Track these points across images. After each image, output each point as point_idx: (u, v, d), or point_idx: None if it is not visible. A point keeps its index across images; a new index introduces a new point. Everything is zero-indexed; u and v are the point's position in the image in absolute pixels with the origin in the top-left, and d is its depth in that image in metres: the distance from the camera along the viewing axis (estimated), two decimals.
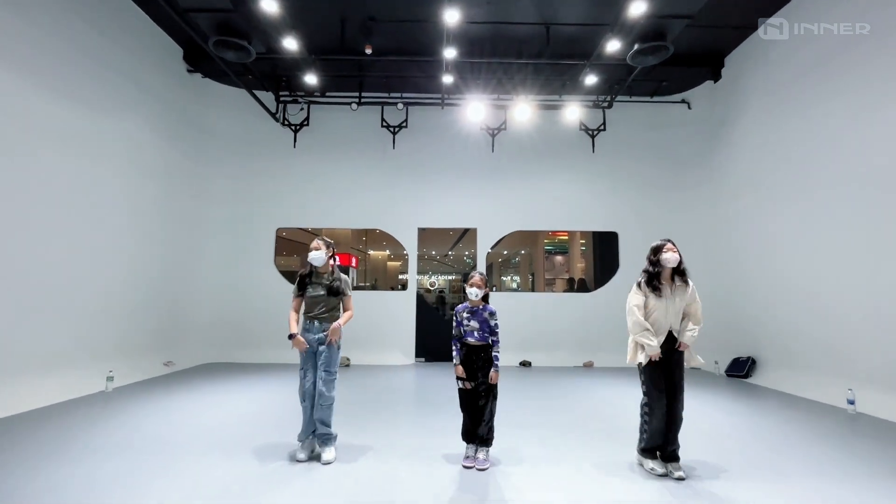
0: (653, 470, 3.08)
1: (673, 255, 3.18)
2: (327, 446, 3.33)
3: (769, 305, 6.63)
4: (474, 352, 3.32)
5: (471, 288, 3.33)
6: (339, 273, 3.55)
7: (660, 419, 3.11)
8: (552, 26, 6.92)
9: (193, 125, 8.01)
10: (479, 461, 3.21)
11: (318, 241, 3.45)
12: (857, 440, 3.95)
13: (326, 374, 3.34)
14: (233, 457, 3.33)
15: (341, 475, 3.03)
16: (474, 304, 3.37)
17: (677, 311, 3.20)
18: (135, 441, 3.66)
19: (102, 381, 5.49)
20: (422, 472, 3.12)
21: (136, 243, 6.54)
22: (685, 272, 3.26)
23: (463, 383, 3.30)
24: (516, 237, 9.28)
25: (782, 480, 3.02)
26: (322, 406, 3.31)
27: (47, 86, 5.13)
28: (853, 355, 5.23)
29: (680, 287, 3.22)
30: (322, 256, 3.42)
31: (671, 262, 3.18)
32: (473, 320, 3.33)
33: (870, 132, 5.13)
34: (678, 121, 8.75)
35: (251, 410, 4.74)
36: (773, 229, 6.59)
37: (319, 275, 3.48)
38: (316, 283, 3.45)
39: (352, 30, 7.02)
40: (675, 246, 3.25)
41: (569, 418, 4.60)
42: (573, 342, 8.27)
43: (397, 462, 3.29)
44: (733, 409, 5.05)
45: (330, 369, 3.36)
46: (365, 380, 6.52)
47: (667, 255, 3.19)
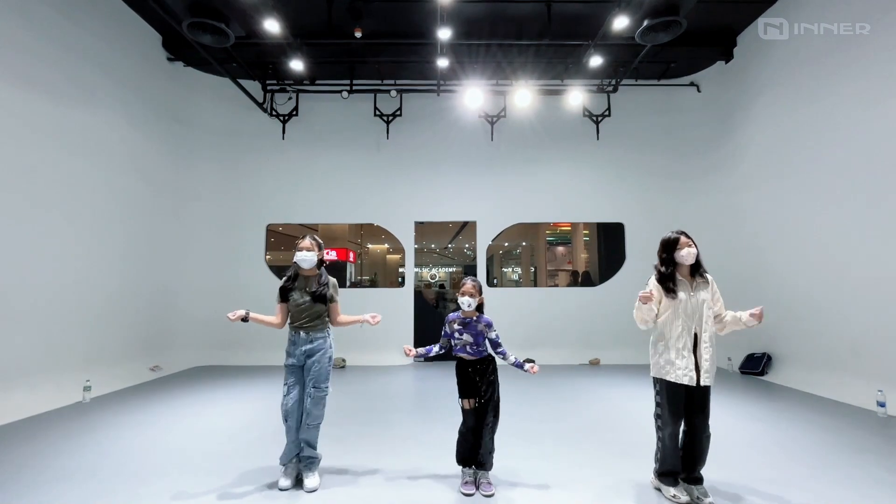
0: (675, 497, 2.69)
1: (690, 250, 2.77)
2: (311, 472, 2.98)
3: (787, 299, 6.26)
4: (472, 366, 2.96)
5: (462, 297, 2.94)
6: (326, 277, 3.16)
7: (671, 437, 2.74)
8: (554, 4, 6.46)
9: (175, 117, 7.58)
10: (483, 486, 2.85)
11: (309, 241, 3.08)
12: (893, 448, 3.60)
13: (316, 391, 3.00)
14: (209, 482, 2.99)
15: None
16: (467, 314, 2.98)
17: (704, 313, 2.75)
18: (105, 464, 3.31)
19: (79, 392, 5.15)
20: (417, 500, 2.77)
21: (115, 242, 6.16)
22: (702, 267, 2.84)
23: (465, 402, 2.93)
24: (517, 229, 8.90)
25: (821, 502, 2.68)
26: (310, 426, 2.98)
27: (12, 77, 4.72)
28: (882, 353, 4.87)
29: (701, 283, 2.81)
30: (312, 259, 3.06)
31: (688, 259, 2.77)
32: (466, 333, 2.94)
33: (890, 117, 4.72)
34: (687, 105, 8.30)
35: (235, 423, 4.39)
36: (792, 219, 6.20)
37: (305, 278, 3.11)
38: (300, 289, 3.07)
39: (339, 11, 6.56)
40: (690, 239, 2.83)
41: (576, 427, 4.25)
42: (578, 339, 7.93)
43: (389, 489, 2.94)
44: (753, 412, 4.70)
45: (320, 385, 3.01)
46: (359, 384, 6.19)
47: (683, 252, 2.77)
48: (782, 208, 6.39)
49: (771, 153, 6.61)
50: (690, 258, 2.77)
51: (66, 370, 5.24)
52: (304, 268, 3.08)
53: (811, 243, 5.85)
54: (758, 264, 6.85)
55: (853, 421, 4.37)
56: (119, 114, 6.29)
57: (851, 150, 5.28)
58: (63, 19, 5.45)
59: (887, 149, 4.84)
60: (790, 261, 6.22)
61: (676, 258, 2.80)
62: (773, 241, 6.57)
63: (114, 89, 6.21)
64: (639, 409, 4.76)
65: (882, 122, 4.93)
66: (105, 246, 5.98)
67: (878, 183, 4.93)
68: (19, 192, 4.79)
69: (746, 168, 7.16)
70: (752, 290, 6.97)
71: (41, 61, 5.12)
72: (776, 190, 6.50)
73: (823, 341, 5.65)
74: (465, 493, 2.82)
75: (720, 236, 7.55)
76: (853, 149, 5.26)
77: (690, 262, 2.79)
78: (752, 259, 6.96)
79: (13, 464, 3.31)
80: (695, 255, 2.78)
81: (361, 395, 5.56)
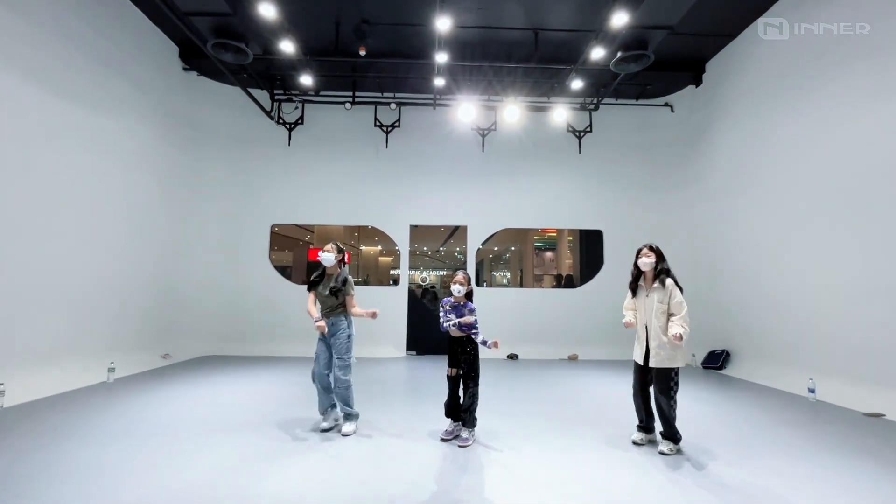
0: (632, 436, 3.64)
1: (646, 259, 3.53)
2: (348, 422, 3.81)
3: (741, 301, 7.02)
4: (457, 342, 3.65)
5: (454, 285, 3.65)
6: (343, 276, 3.88)
7: (634, 398, 3.66)
8: (541, 32, 7.18)
9: (189, 122, 8.14)
10: (460, 439, 3.55)
11: (331, 244, 3.86)
12: (815, 425, 4.30)
13: (339, 361, 3.78)
14: (243, 436, 3.58)
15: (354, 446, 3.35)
16: (457, 300, 3.67)
17: (654, 310, 3.46)
18: (138, 428, 3.85)
19: (104, 372, 5.68)
20: (411, 448, 3.40)
21: (134, 238, 6.70)
22: (663, 273, 3.52)
23: (449, 370, 3.66)
24: (506, 234, 9.56)
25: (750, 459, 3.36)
26: (339, 389, 3.76)
27: (43, 83, 5.23)
28: (815, 348, 5.62)
29: (657, 288, 3.51)
30: (331, 258, 3.82)
31: (645, 266, 3.55)
32: (453, 314, 3.65)
33: (843, 137, 5.39)
34: (662, 123, 9.07)
35: (251, 399, 4.96)
36: (746, 229, 6.96)
37: (328, 276, 3.88)
38: (325, 283, 3.87)
39: (346, 32, 7.21)
40: (653, 251, 3.56)
41: (553, 408, 4.90)
42: (559, 336, 8.60)
43: (391, 439, 3.60)
44: (707, 398, 5.39)
45: (342, 356, 3.78)
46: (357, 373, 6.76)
47: (641, 260, 3.57)
48: (739, 219, 7.15)
49: (734, 167, 7.38)
50: (645, 266, 3.54)
51: (91, 354, 5.75)
52: (326, 265, 3.87)
53: (765, 251, 6.60)
54: (718, 270, 7.61)
55: (787, 404, 5.09)
56: (138, 119, 6.83)
57: (804, 162, 5.94)
58: (95, 34, 5.99)
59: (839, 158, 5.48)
60: (744, 268, 6.98)
61: (638, 264, 3.59)
62: (733, 249, 7.33)
63: (134, 96, 6.75)
64: (608, 393, 5.43)
65: (833, 138, 5.68)
66: (123, 242, 6.51)
67: (826, 195, 5.60)
68: (51, 192, 5.30)
69: (711, 182, 7.94)
70: (711, 292, 7.73)
71: (72, 70, 5.62)
72: (736, 202, 7.26)
73: (768, 339, 6.40)
74: (442, 439, 3.61)
75: (687, 243, 8.32)
76: (806, 161, 5.91)
77: (646, 269, 3.55)
78: (713, 266, 7.73)
79: (65, 425, 3.86)
80: (650, 264, 3.52)
81: (359, 381, 6.14)
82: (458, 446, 3.48)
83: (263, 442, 3.54)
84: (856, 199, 5.17)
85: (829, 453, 3.50)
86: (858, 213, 5.14)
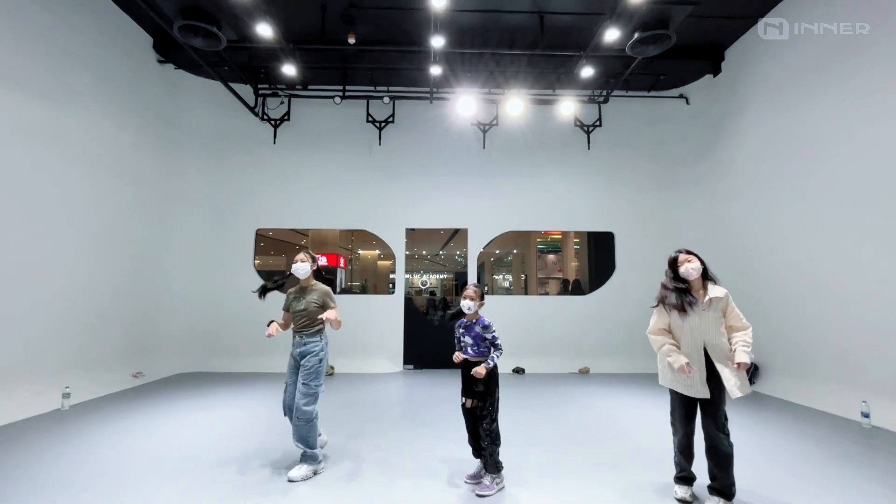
0: (675, 493, 2.81)
1: (691, 265, 2.85)
2: (303, 463, 3.16)
3: (774, 309, 6.33)
4: (470, 367, 3.03)
5: (464, 301, 3.10)
6: (319, 286, 3.42)
7: (681, 439, 2.83)
8: (546, 15, 6.54)
9: (165, 119, 7.49)
10: (480, 486, 2.92)
11: (303, 254, 3.47)
12: (883, 460, 3.63)
13: (304, 388, 3.15)
14: (200, 481, 2.91)
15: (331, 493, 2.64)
16: (469, 318, 3.14)
17: (714, 327, 2.80)
18: (81, 473, 3.21)
19: (58, 399, 5.02)
20: (409, 499, 2.73)
21: (99, 246, 6.04)
22: (710, 280, 2.91)
23: (464, 400, 3.08)
24: (508, 236, 8.91)
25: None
26: (298, 422, 3.11)
27: None
28: (865, 363, 4.94)
29: (714, 299, 2.85)
30: (306, 268, 3.40)
31: (692, 273, 2.85)
32: (467, 336, 3.10)
33: (888, 132, 4.82)
34: (676, 116, 8.43)
35: (226, 428, 4.30)
36: (779, 228, 6.29)
37: (302, 288, 3.46)
38: (299, 297, 3.42)
39: (333, 17, 6.57)
40: (691, 255, 2.90)
41: (565, 436, 4.23)
42: (568, 348, 7.93)
43: (380, 483, 2.90)
44: (741, 423, 4.71)
45: (309, 382, 3.15)
46: (347, 392, 6.11)
47: (684, 268, 2.86)
48: (769, 219, 6.48)
49: (758, 164, 6.72)
50: (695, 272, 2.85)
51: (47, 376, 5.10)
52: (300, 276, 3.42)
53: (799, 254, 5.93)
54: (744, 274, 6.92)
55: (837, 431, 4.41)
56: (106, 115, 6.19)
57: (840, 160, 5.36)
58: (52, 18, 5.37)
59: (877, 158, 4.91)
60: (777, 271, 6.31)
61: (682, 274, 2.87)
62: (760, 251, 6.66)
63: (101, 90, 6.12)
64: (624, 417, 4.75)
65: (869, 131, 5.04)
66: (88, 249, 5.86)
67: (867, 193, 5.01)
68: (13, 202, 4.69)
69: (734, 179, 7.27)
70: (735, 297, 7.03)
71: (28, 60, 5.04)
72: (763, 201, 6.59)
73: (809, 351, 5.72)
74: (465, 481, 3.05)
75: (708, 246, 7.61)
76: (841, 159, 5.34)
77: (696, 276, 2.86)
78: (739, 269, 7.03)
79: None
80: (699, 268, 2.86)
81: (348, 402, 5.49)
82: (476, 494, 2.85)
83: (223, 490, 2.88)
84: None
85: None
86: None
